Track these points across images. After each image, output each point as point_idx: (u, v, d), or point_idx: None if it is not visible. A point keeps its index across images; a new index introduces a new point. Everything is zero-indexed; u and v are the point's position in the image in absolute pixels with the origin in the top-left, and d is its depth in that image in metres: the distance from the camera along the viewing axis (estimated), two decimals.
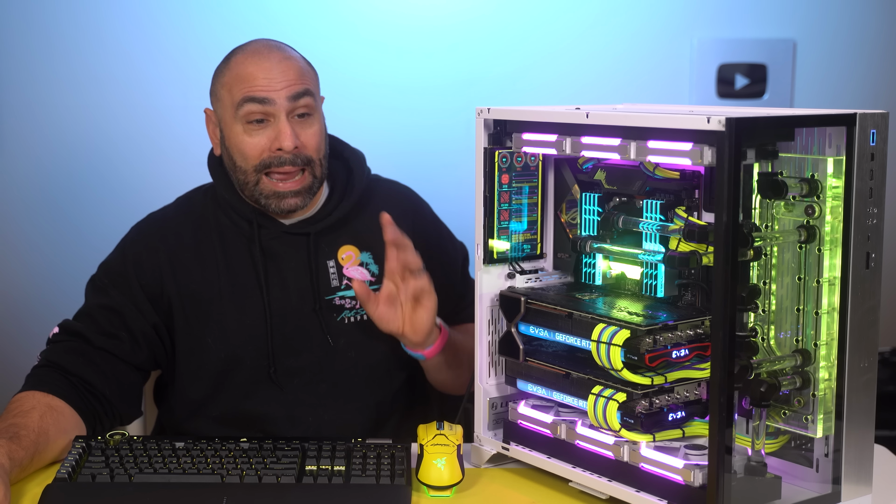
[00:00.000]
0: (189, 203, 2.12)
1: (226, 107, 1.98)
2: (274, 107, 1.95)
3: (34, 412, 1.83)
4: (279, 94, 1.94)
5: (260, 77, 1.95)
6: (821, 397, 1.58)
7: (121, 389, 1.99)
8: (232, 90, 1.97)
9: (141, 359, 2.02)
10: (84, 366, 1.96)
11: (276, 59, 1.97)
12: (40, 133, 3.24)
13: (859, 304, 1.55)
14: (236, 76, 1.97)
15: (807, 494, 1.60)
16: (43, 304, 3.32)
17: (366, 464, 1.74)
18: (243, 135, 1.96)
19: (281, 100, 1.94)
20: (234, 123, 1.97)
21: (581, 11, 3.40)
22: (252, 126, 1.96)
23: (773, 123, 1.54)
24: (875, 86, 3.55)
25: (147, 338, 2.03)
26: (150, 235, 2.08)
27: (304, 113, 1.98)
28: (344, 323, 2.05)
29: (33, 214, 3.29)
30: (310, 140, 1.98)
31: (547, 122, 1.72)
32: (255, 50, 1.99)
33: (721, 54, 3.46)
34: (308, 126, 1.99)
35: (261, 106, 1.94)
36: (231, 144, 1.99)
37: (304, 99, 1.97)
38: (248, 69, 1.96)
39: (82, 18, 3.22)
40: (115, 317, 2.02)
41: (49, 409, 1.85)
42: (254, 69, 1.96)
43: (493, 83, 3.36)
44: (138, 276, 2.04)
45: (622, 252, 1.77)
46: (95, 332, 2.00)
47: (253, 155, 1.96)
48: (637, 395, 1.60)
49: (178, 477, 1.70)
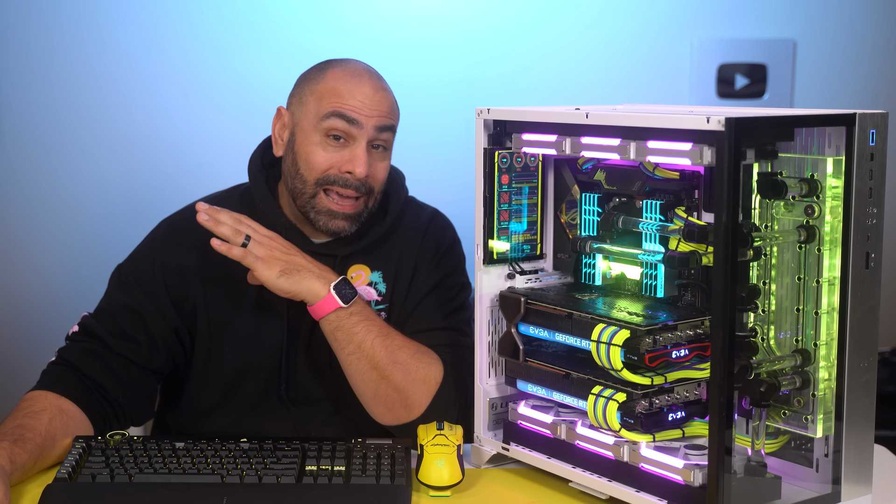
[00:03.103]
0: (225, 203, 2.09)
1: (308, 113, 1.98)
2: (359, 130, 1.96)
3: (44, 414, 1.83)
4: (368, 121, 1.96)
5: (357, 98, 1.96)
6: (821, 397, 1.58)
7: (135, 394, 1.99)
8: (322, 99, 1.97)
9: (158, 363, 2.02)
10: (100, 370, 1.96)
11: (375, 86, 1.99)
12: (40, 133, 3.24)
13: (859, 304, 1.55)
14: (332, 88, 1.97)
15: (807, 494, 1.61)
16: (43, 303, 3.32)
17: (366, 464, 1.74)
18: (318, 146, 1.97)
19: (368, 126, 1.96)
20: (313, 132, 1.97)
21: (581, 11, 3.40)
22: (329, 140, 1.96)
23: (773, 123, 1.54)
24: (875, 86, 3.55)
25: (166, 342, 2.02)
26: (181, 235, 2.06)
27: (381, 146, 2.00)
28: None
29: (33, 214, 3.28)
30: (379, 173, 2.00)
31: (547, 123, 1.72)
32: (355, 70, 2.00)
33: (721, 54, 3.46)
34: (381, 160, 2.01)
35: (347, 125, 1.95)
36: (301, 150, 1.98)
37: (386, 134, 2.00)
38: (347, 86, 1.97)
39: (82, 18, 3.22)
40: (136, 318, 2.01)
41: (59, 413, 1.85)
42: (352, 88, 1.97)
43: (493, 83, 3.36)
44: (165, 279, 2.03)
45: (622, 252, 1.77)
46: (114, 334, 1.99)
47: (321, 168, 1.96)
48: (637, 395, 1.60)
49: (178, 477, 1.70)
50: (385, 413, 1.93)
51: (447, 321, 2.05)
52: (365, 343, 1.89)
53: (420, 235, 2.09)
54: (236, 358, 2.03)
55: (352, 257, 2.04)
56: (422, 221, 2.12)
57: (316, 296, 1.88)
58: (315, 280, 1.88)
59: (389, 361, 1.89)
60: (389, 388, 1.90)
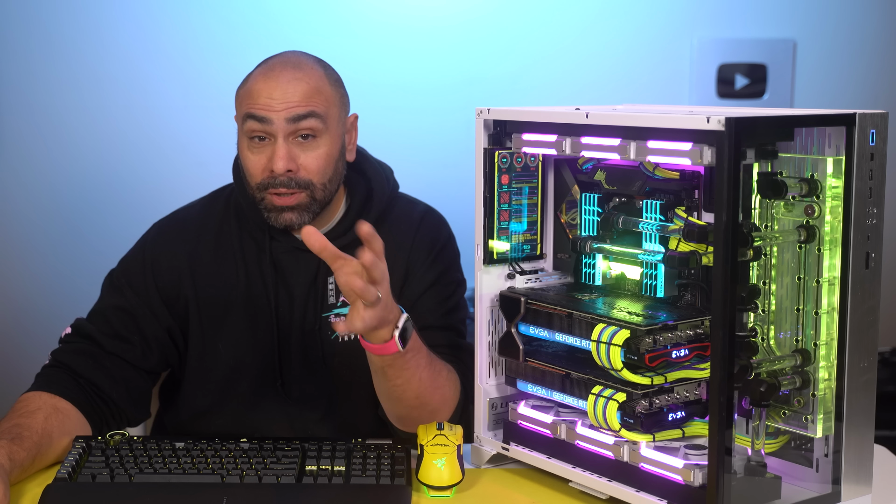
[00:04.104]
0: (213, 205, 2.11)
1: (237, 119, 1.98)
2: (272, 126, 1.92)
3: (39, 413, 1.83)
4: (278, 115, 1.92)
5: (263, 95, 1.93)
6: (820, 397, 1.58)
7: (129, 393, 1.99)
8: (241, 104, 1.97)
9: (151, 363, 2.02)
10: (94, 369, 1.96)
11: (286, 78, 1.94)
12: (40, 133, 3.25)
13: (859, 304, 1.55)
14: (247, 90, 1.96)
15: (807, 494, 1.60)
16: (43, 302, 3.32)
17: (366, 464, 1.74)
18: (247, 150, 1.96)
19: (279, 121, 1.92)
20: (242, 138, 1.97)
21: (581, 11, 3.41)
22: (254, 143, 1.95)
23: (773, 123, 1.54)
24: (875, 86, 3.55)
25: (159, 342, 2.03)
26: (171, 236, 2.07)
27: (309, 135, 1.95)
28: (338, 342, 2.04)
29: (33, 214, 3.29)
30: (310, 163, 1.95)
31: (547, 123, 1.72)
32: (269, 66, 1.98)
33: (721, 54, 3.46)
34: (310, 149, 1.95)
35: (259, 124, 1.93)
36: (240, 157, 1.99)
37: (307, 121, 1.93)
38: (257, 85, 1.95)
39: (82, 18, 3.22)
40: (128, 319, 2.01)
41: (55, 411, 1.85)
42: (261, 86, 1.94)
43: (493, 83, 3.37)
44: (156, 279, 2.03)
45: (622, 252, 1.77)
46: (107, 334, 2.00)
47: (254, 173, 1.95)
48: (637, 395, 1.60)
49: (178, 477, 1.70)
50: (409, 427, 1.93)
51: (445, 320, 2.04)
52: (413, 377, 1.84)
53: (412, 233, 2.08)
54: (230, 356, 2.03)
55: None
56: (414, 218, 2.11)
57: (381, 339, 1.77)
58: (387, 326, 1.75)
59: (431, 388, 1.88)
60: (425, 412, 1.89)
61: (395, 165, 2.13)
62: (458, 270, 2.13)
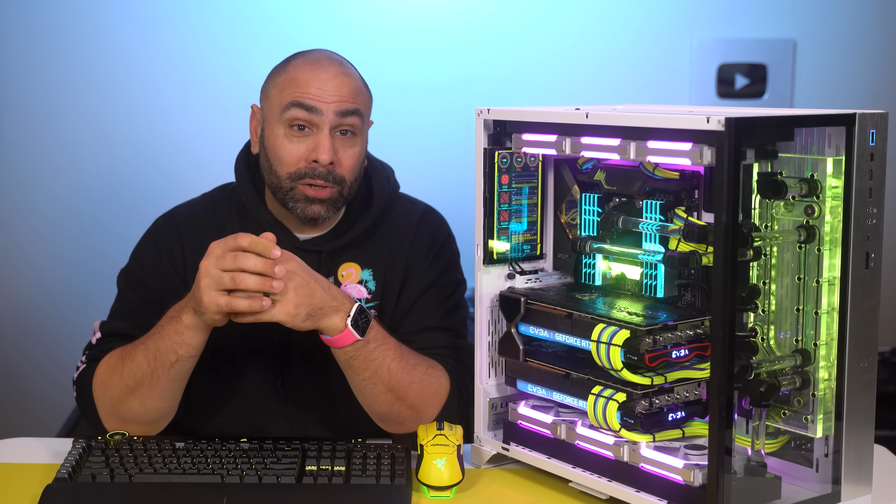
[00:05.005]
0: (214, 203, 2.10)
1: (273, 106, 1.98)
2: (320, 117, 1.93)
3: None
4: (328, 107, 1.93)
5: (314, 85, 1.94)
6: (820, 397, 1.58)
7: None
8: (283, 91, 1.96)
9: None
10: None
11: (335, 72, 1.96)
12: (40, 133, 3.25)
13: (859, 304, 1.55)
14: (291, 79, 1.96)
15: (807, 494, 1.61)
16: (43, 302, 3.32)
17: (366, 464, 1.74)
18: (283, 138, 1.96)
19: (329, 112, 1.93)
20: (277, 125, 1.96)
21: (581, 11, 3.41)
22: (293, 132, 1.95)
23: (773, 123, 1.54)
24: (875, 86, 3.55)
25: None
26: (179, 229, 2.06)
27: (348, 131, 1.96)
28: None
29: (33, 214, 3.29)
30: (347, 160, 1.96)
31: (547, 123, 1.72)
32: (315, 59, 1.99)
33: (721, 54, 3.46)
34: (349, 146, 1.97)
35: (307, 113, 1.93)
36: (270, 146, 1.98)
37: (352, 118, 1.95)
38: (304, 75, 1.95)
39: (82, 18, 3.22)
40: (159, 309, 2.00)
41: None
42: (310, 76, 1.95)
43: (493, 83, 3.37)
44: (173, 266, 2.04)
45: (622, 252, 1.77)
46: (141, 327, 1.98)
47: (290, 162, 1.95)
48: (637, 395, 1.60)
49: (178, 477, 1.70)
50: (395, 426, 1.93)
51: (445, 320, 2.04)
52: (381, 369, 1.86)
53: (411, 232, 2.08)
54: (230, 355, 2.03)
55: (340, 254, 2.04)
56: (413, 218, 2.11)
57: (334, 330, 1.81)
58: (333, 315, 1.81)
59: (405, 382, 1.88)
60: (403, 407, 1.89)
61: (395, 165, 2.13)
62: (457, 270, 2.13)
